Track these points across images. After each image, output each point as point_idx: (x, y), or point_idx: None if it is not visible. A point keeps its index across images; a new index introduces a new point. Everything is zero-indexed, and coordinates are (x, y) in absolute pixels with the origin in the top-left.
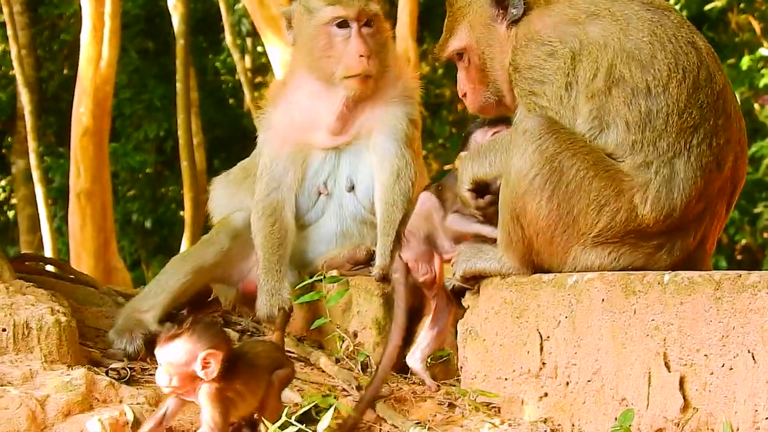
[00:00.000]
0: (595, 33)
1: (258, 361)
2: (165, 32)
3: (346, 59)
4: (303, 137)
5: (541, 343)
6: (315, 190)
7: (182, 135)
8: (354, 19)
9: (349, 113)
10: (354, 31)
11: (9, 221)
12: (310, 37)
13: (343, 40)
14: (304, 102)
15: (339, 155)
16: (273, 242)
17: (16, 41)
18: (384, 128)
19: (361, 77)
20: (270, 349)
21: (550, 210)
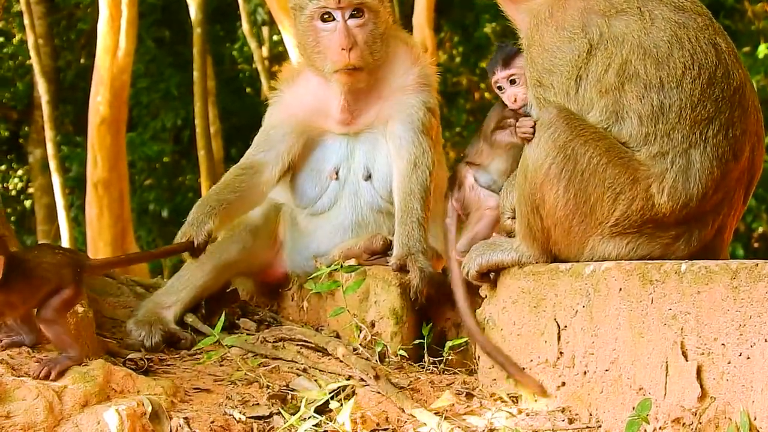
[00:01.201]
0: (617, 28)
1: (38, 271)
2: (182, 21)
3: (329, 53)
4: (314, 120)
5: (558, 332)
6: (326, 175)
7: (199, 124)
8: (337, 9)
9: (353, 105)
10: (339, 23)
11: (26, 211)
12: (301, 35)
13: (329, 35)
14: (315, 90)
15: (354, 143)
16: (225, 187)
17: (33, 31)
18: (400, 116)
19: (347, 70)
20: (59, 262)
21: (568, 199)
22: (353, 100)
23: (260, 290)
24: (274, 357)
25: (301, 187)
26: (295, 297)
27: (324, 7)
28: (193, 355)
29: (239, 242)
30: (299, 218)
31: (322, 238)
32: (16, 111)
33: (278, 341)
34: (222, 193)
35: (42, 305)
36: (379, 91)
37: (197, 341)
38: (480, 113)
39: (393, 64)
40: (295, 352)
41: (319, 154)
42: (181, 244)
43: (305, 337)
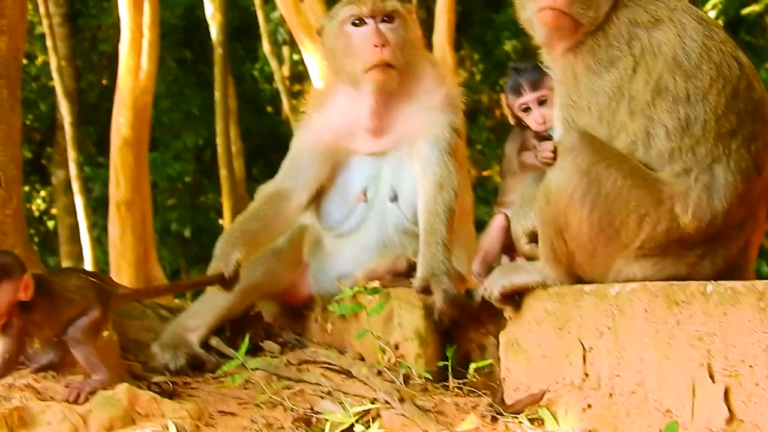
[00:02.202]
0: (655, 40)
1: (64, 293)
2: (203, 41)
3: (362, 53)
4: (342, 142)
5: (583, 354)
6: (353, 197)
7: (221, 143)
8: (369, 16)
9: (383, 109)
10: (371, 26)
11: (49, 231)
12: (333, 41)
13: (361, 36)
14: (343, 109)
15: (381, 164)
16: (252, 217)
17: (55, 52)
18: (426, 136)
19: (380, 67)
20: (86, 286)
21: (592, 223)
22: (383, 104)
23: (284, 312)
24: (298, 380)
25: (327, 209)
26: (319, 319)
27: (357, 14)
28: (217, 378)
29: (264, 265)
30: (324, 240)
31: (348, 259)
32: (39, 132)
33: (302, 364)
34: (247, 223)
35: (70, 327)
36: (406, 108)
37: (221, 364)
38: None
39: (420, 83)
40: (320, 375)
41: (347, 177)
42: (212, 276)
43: (329, 359)
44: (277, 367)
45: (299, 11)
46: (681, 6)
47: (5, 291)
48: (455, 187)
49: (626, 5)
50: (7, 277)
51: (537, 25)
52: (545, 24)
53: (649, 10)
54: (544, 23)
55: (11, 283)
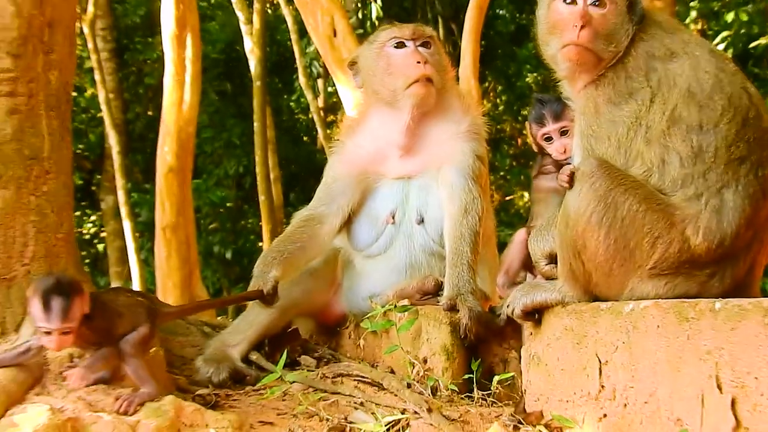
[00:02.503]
0: (671, 72)
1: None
2: (242, 75)
3: (404, 69)
4: (372, 167)
5: (600, 367)
6: (382, 220)
7: (260, 171)
8: (409, 39)
9: (416, 127)
10: (411, 47)
11: (99, 254)
12: (372, 62)
13: (401, 57)
14: (375, 131)
15: (408, 188)
16: (287, 240)
17: (104, 86)
18: (453, 163)
19: (422, 81)
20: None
21: (608, 245)
22: (417, 122)
23: (320, 329)
24: (333, 392)
25: (358, 231)
26: (352, 335)
27: (398, 37)
28: (257, 390)
29: (300, 284)
30: (355, 261)
31: (378, 279)
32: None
33: (337, 377)
34: (284, 245)
35: (121, 342)
36: (434, 133)
37: (261, 377)
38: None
39: (448, 111)
40: (353, 387)
41: (376, 200)
42: (252, 292)
43: (362, 372)
44: (313, 380)
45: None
46: (694, 40)
47: (77, 305)
48: (479, 212)
49: (643, 39)
50: (77, 294)
51: (561, 61)
52: (569, 59)
53: (665, 43)
54: (568, 59)
55: (81, 301)
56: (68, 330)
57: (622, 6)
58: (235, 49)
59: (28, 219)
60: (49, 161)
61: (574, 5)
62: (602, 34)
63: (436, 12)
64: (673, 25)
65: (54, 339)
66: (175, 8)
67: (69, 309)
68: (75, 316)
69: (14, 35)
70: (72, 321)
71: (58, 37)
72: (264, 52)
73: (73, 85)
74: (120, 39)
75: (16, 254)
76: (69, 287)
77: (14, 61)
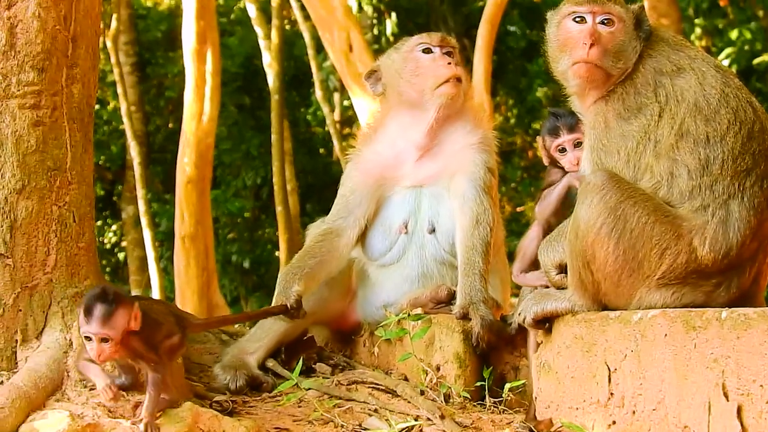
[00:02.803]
0: (678, 87)
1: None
2: (261, 88)
3: (434, 70)
4: (387, 173)
5: (609, 375)
6: (396, 229)
7: (277, 182)
8: (437, 45)
9: (438, 128)
10: (437, 53)
11: (120, 262)
12: (399, 67)
13: (429, 60)
14: (393, 135)
15: (420, 197)
16: (307, 254)
17: (125, 98)
18: (465, 173)
19: (452, 81)
20: (168, 311)
21: (617, 256)
22: (439, 125)
23: (335, 337)
24: (347, 398)
25: (371, 241)
26: (367, 343)
27: (426, 43)
28: (273, 397)
29: (316, 294)
30: (369, 270)
31: (391, 288)
32: (110, 171)
33: (351, 384)
34: (304, 259)
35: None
36: (449, 142)
37: (277, 384)
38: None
39: (463, 122)
40: (367, 394)
41: (390, 210)
42: (276, 306)
43: (376, 380)
44: (328, 387)
45: (349, 61)
46: (700, 56)
47: (121, 316)
48: (491, 223)
49: (650, 55)
50: (122, 305)
51: (571, 78)
52: (580, 76)
53: (672, 59)
54: (578, 76)
55: (126, 312)
56: (107, 337)
57: (629, 23)
58: (253, 64)
59: (50, 228)
60: (71, 172)
61: (584, 23)
62: (611, 52)
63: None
64: (679, 41)
65: (94, 346)
66: (196, 24)
67: (110, 317)
68: (116, 325)
69: (39, 50)
70: (112, 329)
71: (82, 51)
72: (282, 67)
73: (95, 97)
74: (142, 53)
75: (38, 263)
76: (114, 297)
77: (38, 75)
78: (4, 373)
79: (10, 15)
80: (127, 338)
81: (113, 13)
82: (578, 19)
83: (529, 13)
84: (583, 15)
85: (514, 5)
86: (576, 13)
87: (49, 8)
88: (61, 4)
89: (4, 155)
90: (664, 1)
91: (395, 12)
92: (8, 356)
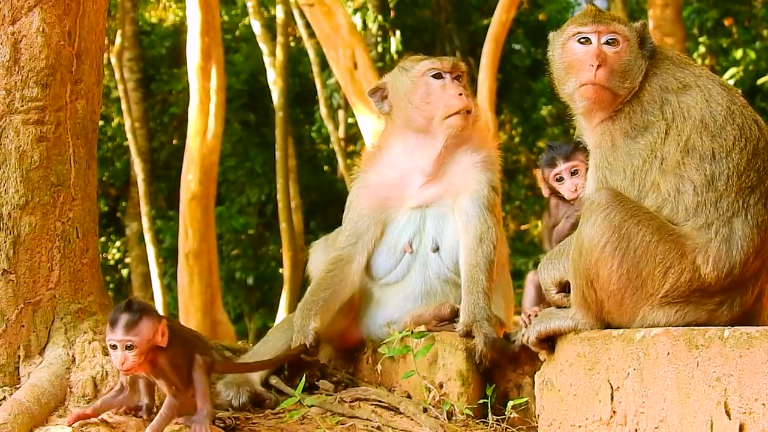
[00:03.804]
0: (684, 104)
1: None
2: (265, 105)
3: (445, 100)
4: (393, 194)
5: (611, 393)
6: (401, 248)
7: (281, 199)
8: (447, 71)
9: (446, 155)
10: (448, 80)
11: (123, 279)
12: (408, 91)
13: (439, 87)
14: (399, 158)
15: (424, 217)
16: (321, 286)
17: (129, 115)
18: (468, 192)
19: (462, 114)
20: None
21: (621, 275)
22: (448, 153)
23: (338, 354)
24: (350, 416)
25: (376, 260)
26: (370, 360)
27: (437, 69)
28: (276, 414)
29: None
30: (373, 289)
31: (394, 306)
32: (114, 188)
33: (354, 401)
34: (317, 293)
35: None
36: (455, 163)
37: (280, 401)
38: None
39: (467, 142)
40: (370, 411)
41: (395, 231)
42: (296, 348)
43: (379, 397)
44: (331, 404)
45: (353, 78)
46: (705, 73)
47: (146, 326)
48: (494, 241)
49: (656, 74)
50: (148, 315)
51: (578, 99)
52: (587, 98)
53: (677, 77)
54: (586, 98)
55: (151, 324)
56: (131, 344)
57: (634, 43)
58: (258, 81)
59: (53, 244)
60: (75, 188)
61: (589, 45)
62: (617, 72)
63: (454, 46)
64: (683, 59)
65: (118, 355)
66: (201, 40)
67: (134, 324)
68: (141, 332)
69: (43, 65)
70: (136, 336)
71: (86, 67)
72: (287, 84)
73: (99, 113)
74: (146, 69)
75: (41, 279)
76: (140, 306)
77: (43, 91)
78: (7, 388)
79: (14, 30)
80: (153, 353)
81: (118, 29)
82: (583, 40)
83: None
84: (588, 36)
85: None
86: (581, 33)
87: (53, 24)
88: (65, 20)
89: (8, 171)
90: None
91: (400, 30)
92: (11, 372)
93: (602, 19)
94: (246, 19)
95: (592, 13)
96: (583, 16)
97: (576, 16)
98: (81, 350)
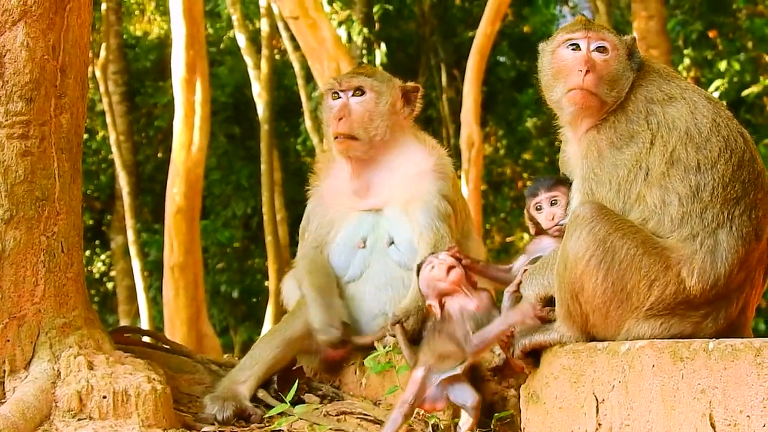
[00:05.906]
0: (669, 115)
1: None
2: (251, 118)
3: (330, 124)
4: (344, 201)
5: (596, 405)
6: (354, 246)
7: (267, 212)
8: (342, 90)
9: (363, 175)
10: (342, 99)
11: (108, 292)
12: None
13: (333, 109)
14: (339, 173)
15: (378, 218)
16: (317, 277)
17: (114, 128)
18: (418, 201)
19: (340, 138)
20: None
21: (606, 288)
22: (360, 170)
23: (323, 367)
24: (336, 429)
25: (332, 260)
26: (357, 372)
27: (332, 89)
28: (262, 427)
29: (300, 318)
30: (344, 288)
31: (368, 300)
32: (99, 201)
33: (340, 414)
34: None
35: None
36: (389, 175)
37: None
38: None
39: (405, 152)
40: (356, 425)
41: (348, 229)
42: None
43: (365, 410)
44: (317, 418)
45: None
46: (690, 86)
47: None
48: None
49: (641, 84)
50: None
51: (566, 105)
52: (575, 103)
53: (663, 89)
54: (573, 103)
55: None
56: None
57: (623, 53)
58: (243, 94)
59: (38, 259)
60: (59, 202)
61: (578, 51)
62: (606, 80)
63: (439, 58)
64: (670, 72)
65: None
66: (186, 53)
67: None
68: None
69: (27, 79)
70: None
71: (70, 81)
72: (272, 97)
73: (84, 127)
74: (131, 83)
75: (26, 293)
76: None
77: (27, 105)
78: None
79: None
80: None
81: (102, 43)
82: (573, 47)
83: (519, 43)
84: (577, 42)
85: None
86: (571, 40)
87: (37, 38)
88: (49, 34)
89: None
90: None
91: (385, 42)
92: None
93: (592, 27)
94: (231, 32)
95: (582, 22)
96: (574, 24)
97: (566, 24)
98: (66, 365)
